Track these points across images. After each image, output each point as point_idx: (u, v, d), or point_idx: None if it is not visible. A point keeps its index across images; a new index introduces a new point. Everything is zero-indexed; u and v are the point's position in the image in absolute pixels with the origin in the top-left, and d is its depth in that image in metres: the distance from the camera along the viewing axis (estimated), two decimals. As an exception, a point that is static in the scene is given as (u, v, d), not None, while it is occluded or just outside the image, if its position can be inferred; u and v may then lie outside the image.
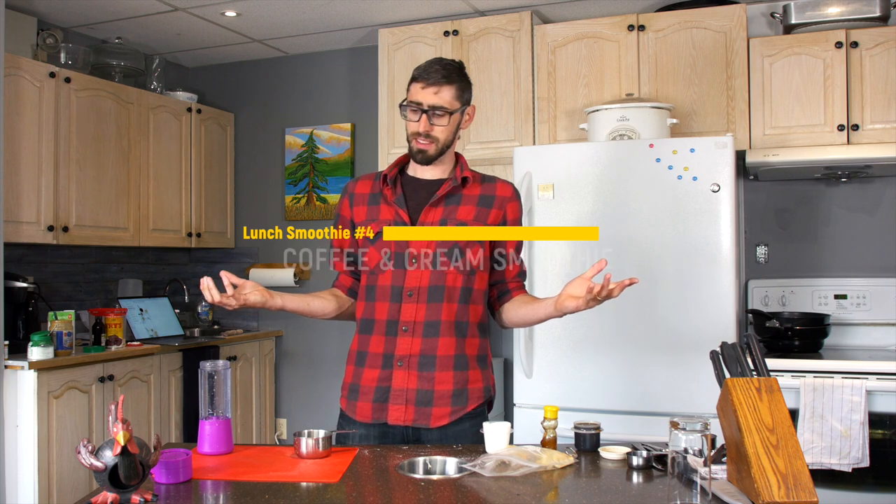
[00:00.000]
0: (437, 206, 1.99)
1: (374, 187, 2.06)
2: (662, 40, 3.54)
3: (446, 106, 1.95)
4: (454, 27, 3.86)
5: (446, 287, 1.97)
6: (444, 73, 1.94)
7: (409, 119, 1.97)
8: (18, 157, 3.44)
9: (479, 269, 2.02)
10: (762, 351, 2.36)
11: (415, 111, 1.96)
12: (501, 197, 2.05)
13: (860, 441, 2.80)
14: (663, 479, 1.59)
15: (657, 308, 2.98)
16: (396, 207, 1.99)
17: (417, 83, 1.95)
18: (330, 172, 4.53)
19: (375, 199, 2.04)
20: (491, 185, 2.06)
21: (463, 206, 2.00)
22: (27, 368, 3.13)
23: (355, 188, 2.09)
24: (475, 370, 2.02)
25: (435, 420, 1.95)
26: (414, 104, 1.95)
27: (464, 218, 1.99)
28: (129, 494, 1.44)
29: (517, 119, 3.75)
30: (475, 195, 2.02)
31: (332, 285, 2.17)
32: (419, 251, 1.97)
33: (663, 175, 3.00)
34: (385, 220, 2.00)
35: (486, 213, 2.02)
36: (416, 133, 1.96)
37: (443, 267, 1.97)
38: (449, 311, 1.97)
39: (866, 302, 3.46)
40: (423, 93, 1.94)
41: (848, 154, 3.23)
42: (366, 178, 2.10)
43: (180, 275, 4.79)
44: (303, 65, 4.67)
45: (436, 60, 1.97)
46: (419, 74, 1.96)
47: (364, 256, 2.03)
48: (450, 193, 2.00)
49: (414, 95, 1.96)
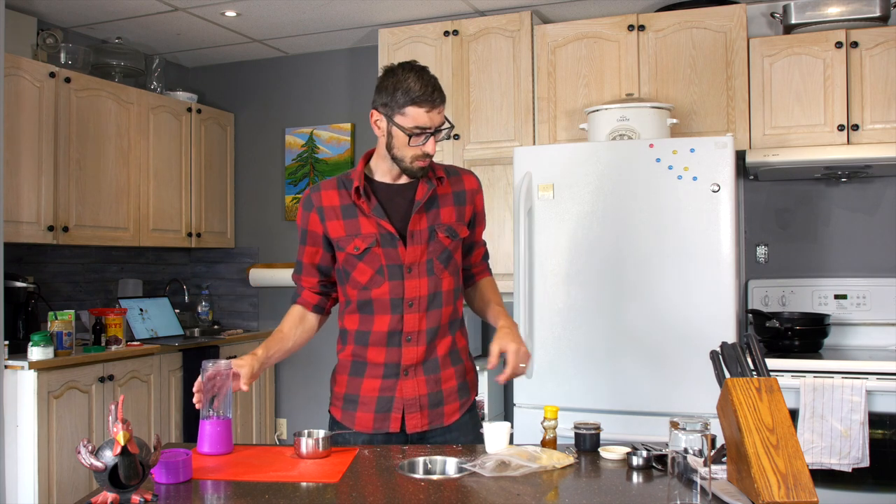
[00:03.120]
0: (422, 213, 1.95)
1: (342, 198, 1.96)
2: (662, 40, 3.54)
3: (447, 122, 1.93)
4: (454, 27, 3.86)
5: (443, 292, 1.98)
6: (440, 90, 1.89)
7: (412, 144, 1.87)
8: (18, 157, 3.44)
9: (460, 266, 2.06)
10: (762, 351, 2.36)
11: (419, 136, 1.87)
12: (471, 190, 2.05)
13: (860, 441, 2.79)
14: (663, 479, 1.59)
15: (657, 308, 2.98)
16: (377, 219, 1.93)
17: (420, 107, 1.85)
18: (330, 172, 4.53)
19: (350, 212, 1.94)
20: (458, 180, 2.04)
21: (443, 207, 1.99)
22: (27, 368, 3.13)
23: (321, 201, 1.96)
24: (467, 361, 2.08)
25: (448, 418, 1.98)
26: (420, 129, 1.86)
27: (448, 221, 1.98)
28: (129, 494, 1.44)
29: (517, 119, 3.75)
30: (449, 194, 2.01)
31: (294, 301, 2.08)
32: (415, 261, 1.94)
33: (663, 175, 3.00)
34: (370, 235, 1.92)
35: (463, 210, 2.02)
36: (425, 155, 1.90)
37: (438, 272, 1.96)
38: (446, 314, 1.99)
39: (866, 302, 3.46)
40: (431, 116, 1.86)
41: (848, 154, 3.23)
42: (328, 188, 1.98)
43: (180, 275, 4.79)
44: (303, 65, 4.67)
45: (427, 79, 1.86)
46: (421, 98, 1.84)
47: (353, 272, 1.96)
48: (429, 198, 1.97)
49: (419, 120, 1.85)
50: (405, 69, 1.87)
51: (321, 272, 2.04)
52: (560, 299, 3.10)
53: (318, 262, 2.02)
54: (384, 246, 1.93)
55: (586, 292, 3.08)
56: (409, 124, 1.86)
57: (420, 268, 1.95)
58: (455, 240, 1.99)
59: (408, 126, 1.86)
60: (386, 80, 1.89)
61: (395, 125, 1.88)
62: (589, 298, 3.08)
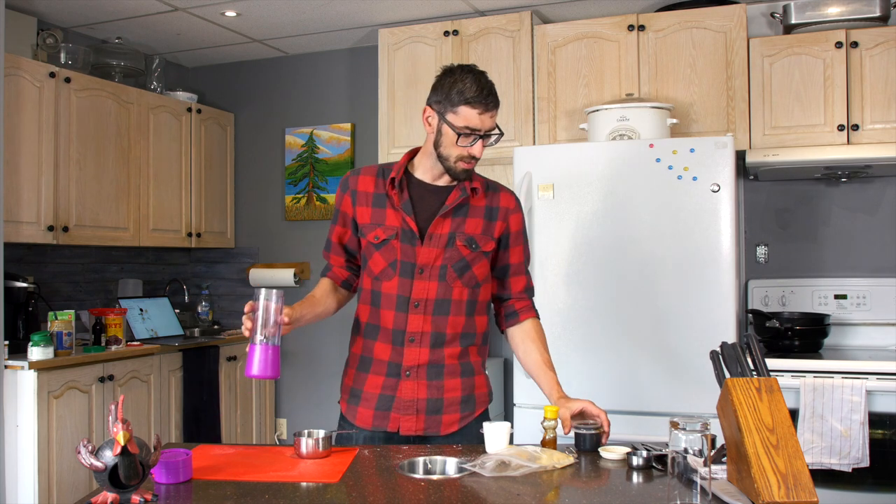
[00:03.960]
0: (447, 218, 1.96)
1: (377, 186, 1.99)
2: (662, 40, 3.54)
3: (498, 127, 1.94)
4: (454, 27, 3.86)
5: (452, 300, 1.96)
6: (495, 97, 1.91)
7: (460, 144, 1.89)
8: (18, 157, 3.44)
9: (484, 282, 2.02)
10: (762, 351, 2.36)
11: (468, 136, 1.89)
12: (505, 208, 2.03)
13: (860, 441, 2.80)
14: (663, 479, 1.59)
15: (657, 308, 2.98)
16: (404, 214, 1.95)
17: (473, 108, 1.87)
18: (330, 172, 4.53)
19: (380, 201, 1.98)
20: (495, 196, 2.03)
21: (471, 218, 1.98)
22: (27, 368, 3.13)
23: (357, 185, 2.01)
24: (480, 375, 2.04)
25: (445, 427, 1.96)
26: (470, 130, 1.89)
27: (472, 232, 1.97)
28: (129, 494, 1.44)
29: (517, 119, 3.75)
30: (482, 206, 2.00)
31: (324, 275, 2.10)
32: (428, 263, 1.94)
33: (663, 175, 3.00)
34: (392, 227, 1.95)
35: (492, 226, 2.00)
36: (471, 157, 1.91)
37: (450, 280, 1.96)
38: (455, 324, 1.97)
39: (866, 302, 3.46)
40: (482, 118, 1.88)
41: (848, 154, 3.23)
42: (367, 174, 2.02)
43: (180, 275, 4.79)
44: (303, 65, 4.67)
45: (484, 83, 1.89)
46: (475, 99, 1.87)
47: (369, 260, 1.99)
48: (459, 204, 1.97)
49: (470, 121, 1.88)
50: (464, 70, 1.92)
51: (347, 252, 2.07)
52: (560, 299, 3.10)
53: (346, 243, 2.06)
54: (403, 241, 1.95)
55: (586, 292, 3.08)
56: (460, 123, 1.89)
57: (432, 271, 1.95)
58: (475, 251, 1.97)
59: (458, 125, 1.89)
60: (443, 79, 1.93)
61: (446, 122, 1.91)
62: (589, 298, 3.08)
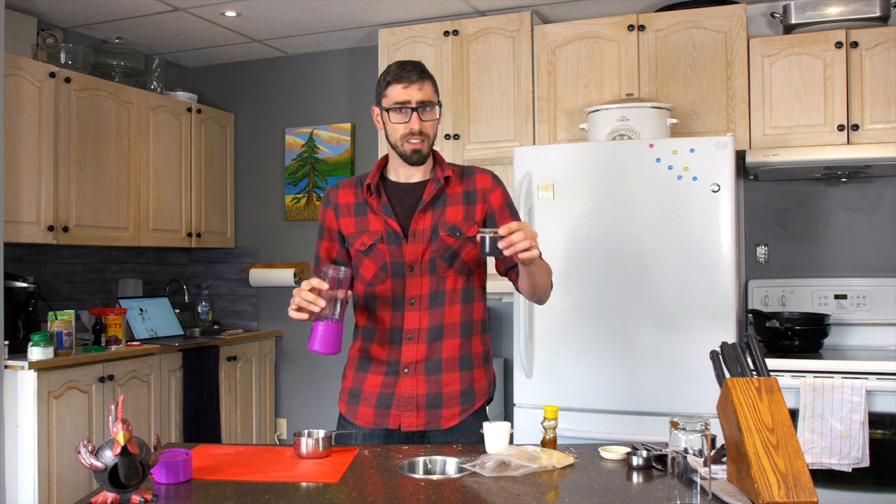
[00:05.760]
0: (426, 212, 1.98)
1: (357, 196, 2.03)
2: (662, 40, 3.54)
3: (433, 99, 1.96)
4: (454, 27, 3.86)
5: (447, 291, 1.98)
6: (420, 69, 1.95)
7: (396, 122, 1.94)
8: (18, 157, 3.44)
9: (476, 267, 2.02)
10: (762, 351, 2.36)
11: (401, 112, 1.93)
12: (483, 189, 2.03)
13: (860, 441, 2.79)
14: (663, 479, 1.59)
15: (657, 308, 2.98)
16: (385, 216, 1.98)
17: (398, 84, 1.93)
18: (330, 172, 4.53)
19: (362, 209, 2.01)
20: (470, 180, 2.04)
21: (450, 207, 1.99)
22: (27, 368, 3.13)
23: (338, 198, 2.05)
24: (479, 368, 2.04)
25: (446, 421, 1.97)
26: (399, 104, 1.93)
27: (453, 220, 1.98)
28: (129, 494, 1.44)
29: (517, 119, 3.75)
30: (458, 193, 2.01)
31: None
32: (416, 259, 1.96)
33: (663, 175, 3.00)
34: (376, 231, 1.98)
35: (472, 209, 2.01)
36: (410, 133, 1.94)
37: (441, 272, 1.97)
38: (451, 314, 1.98)
39: (866, 302, 3.46)
40: (408, 91, 1.93)
41: (848, 154, 3.23)
42: (346, 186, 2.07)
43: (180, 275, 4.79)
44: (303, 65, 4.67)
45: (406, 62, 1.96)
46: (396, 76, 1.93)
47: (360, 268, 2.01)
48: (435, 196, 1.99)
49: (397, 97, 1.93)
50: (393, 63, 1.99)
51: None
52: (560, 299, 3.10)
53: (335, 257, 2.07)
54: (389, 243, 1.97)
55: (586, 292, 3.08)
56: (389, 103, 1.94)
57: (422, 266, 1.96)
58: (459, 238, 1.98)
59: (389, 105, 1.94)
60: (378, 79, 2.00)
61: (383, 110, 1.97)
62: (589, 298, 3.08)
